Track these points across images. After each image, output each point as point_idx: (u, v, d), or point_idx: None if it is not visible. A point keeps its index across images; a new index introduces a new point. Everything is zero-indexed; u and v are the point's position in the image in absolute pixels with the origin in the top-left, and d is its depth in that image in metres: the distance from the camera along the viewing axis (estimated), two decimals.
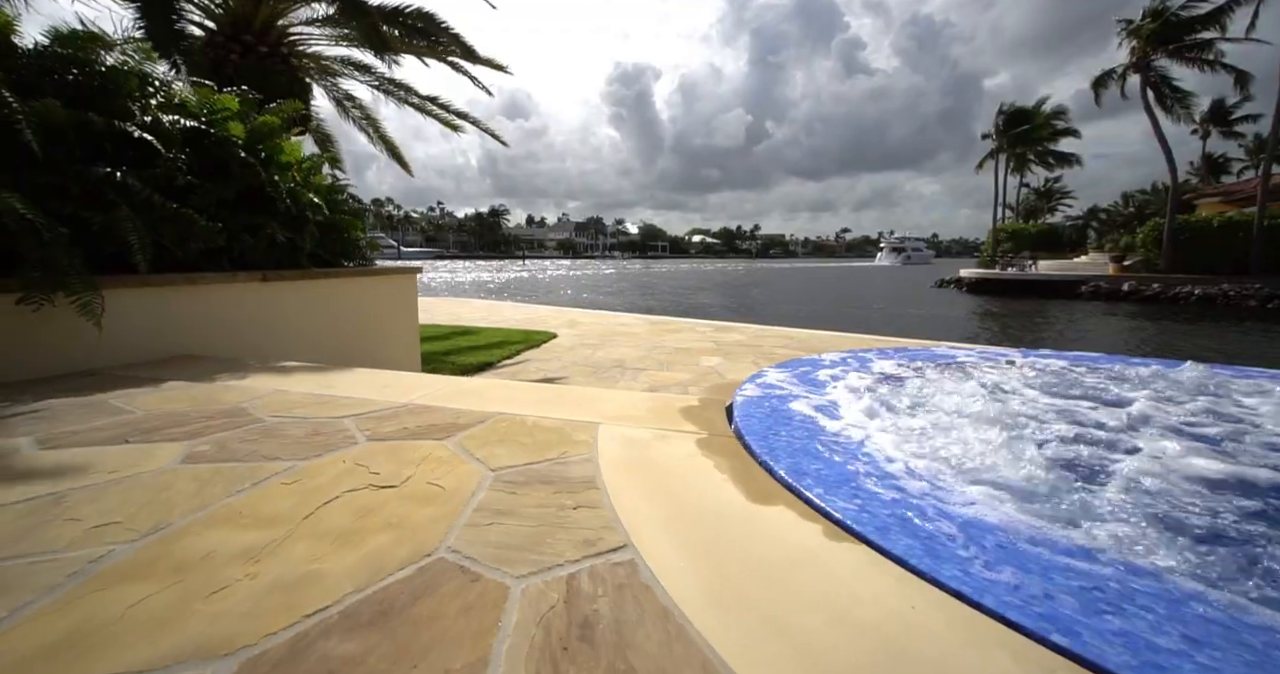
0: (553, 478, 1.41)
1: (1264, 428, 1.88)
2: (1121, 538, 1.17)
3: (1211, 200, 30.65)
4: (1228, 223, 23.57)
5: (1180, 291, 21.79)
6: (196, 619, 0.85)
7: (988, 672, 0.77)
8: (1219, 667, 0.78)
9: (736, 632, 0.84)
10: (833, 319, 17.43)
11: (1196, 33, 23.59)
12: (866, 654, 0.80)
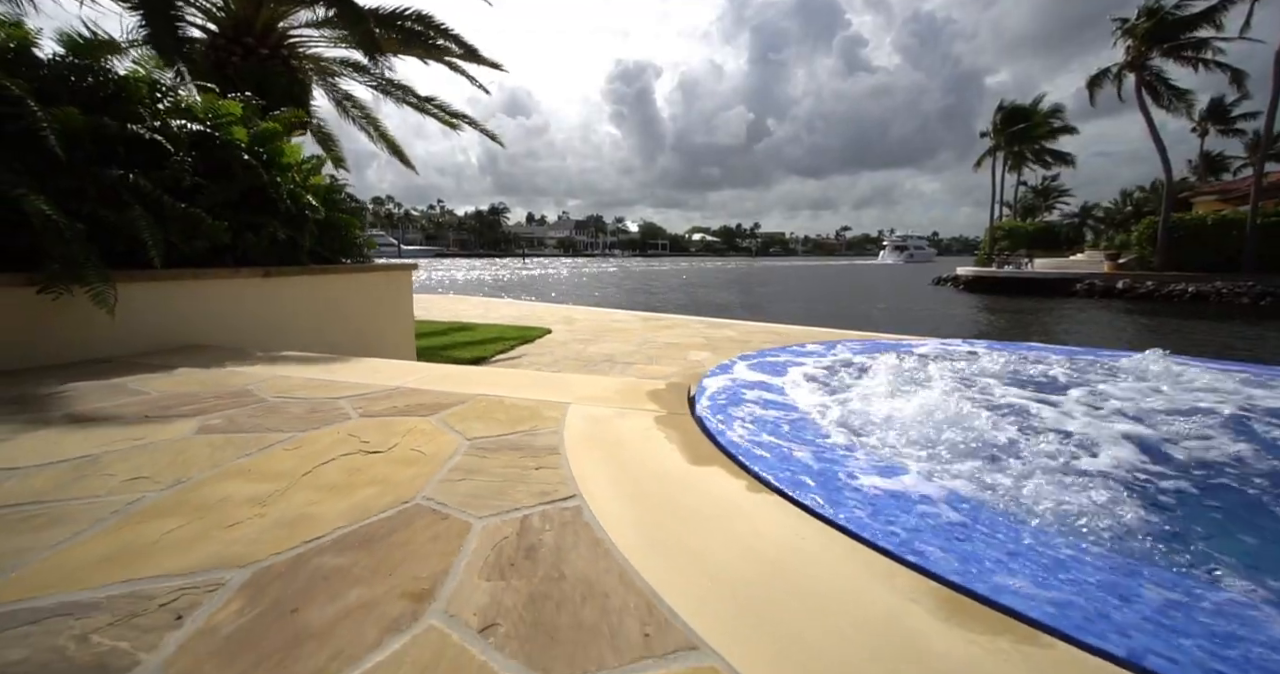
0: (521, 446, 1.61)
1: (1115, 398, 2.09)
2: (978, 487, 1.37)
3: (1208, 198, 30.73)
4: (1221, 221, 23.71)
5: (1174, 289, 21.91)
6: (216, 543, 1.05)
7: (840, 573, 0.97)
8: (1028, 573, 0.98)
9: (654, 555, 1.05)
10: (830, 317, 17.63)
11: (1191, 31, 23.69)
12: (752, 568, 1.00)
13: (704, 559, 1.04)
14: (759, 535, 1.13)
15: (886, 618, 0.88)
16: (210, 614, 0.85)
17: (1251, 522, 1.33)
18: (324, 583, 0.94)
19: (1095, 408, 2.01)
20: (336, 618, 0.85)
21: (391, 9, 7.96)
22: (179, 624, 0.83)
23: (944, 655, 0.79)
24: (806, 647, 0.81)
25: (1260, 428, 1.90)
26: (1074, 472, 1.44)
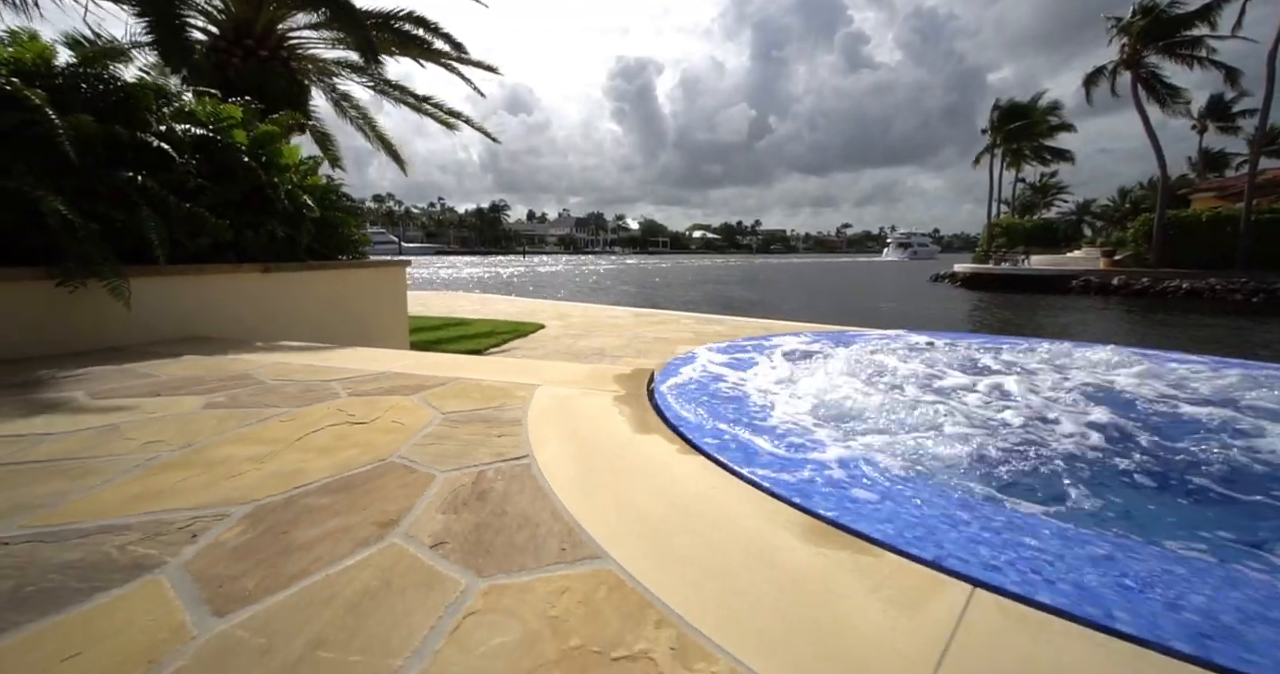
0: (489, 419, 1.83)
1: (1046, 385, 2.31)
2: (864, 448, 1.58)
3: (1206, 195, 30.79)
4: (1216, 218, 23.82)
5: (1168, 286, 22.03)
6: (222, 489, 1.27)
7: (734, 511, 1.19)
8: (882, 507, 1.19)
9: (584, 498, 1.26)
10: (821, 314, 17.82)
11: (1187, 29, 23.77)
12: (661, 507, 1.22)
13: (624, 501, 1.25)
14: (675, 483, 1.35)
15: (759, 539, 1.09)
16: (218, 534, 1.08)
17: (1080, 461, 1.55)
18: (309, 515, 1.16)
19: (999, 386, 2.22)
20: (318, 538, 1.07)
21: (387, 11, 8.16)
22: (194, 540, 1.05)
23: (794, 562, 1.01)
24: (687, 557, 1.03)
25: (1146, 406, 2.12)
26: (942, 433, 1.66)
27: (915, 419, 1.80)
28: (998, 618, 0.86)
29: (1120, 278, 23.47)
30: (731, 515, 1.20)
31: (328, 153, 11.18)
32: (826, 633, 0.82)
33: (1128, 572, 0.98)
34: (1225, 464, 1.58)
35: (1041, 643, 0.81)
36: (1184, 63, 24.59)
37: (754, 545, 1.07)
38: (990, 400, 2.07)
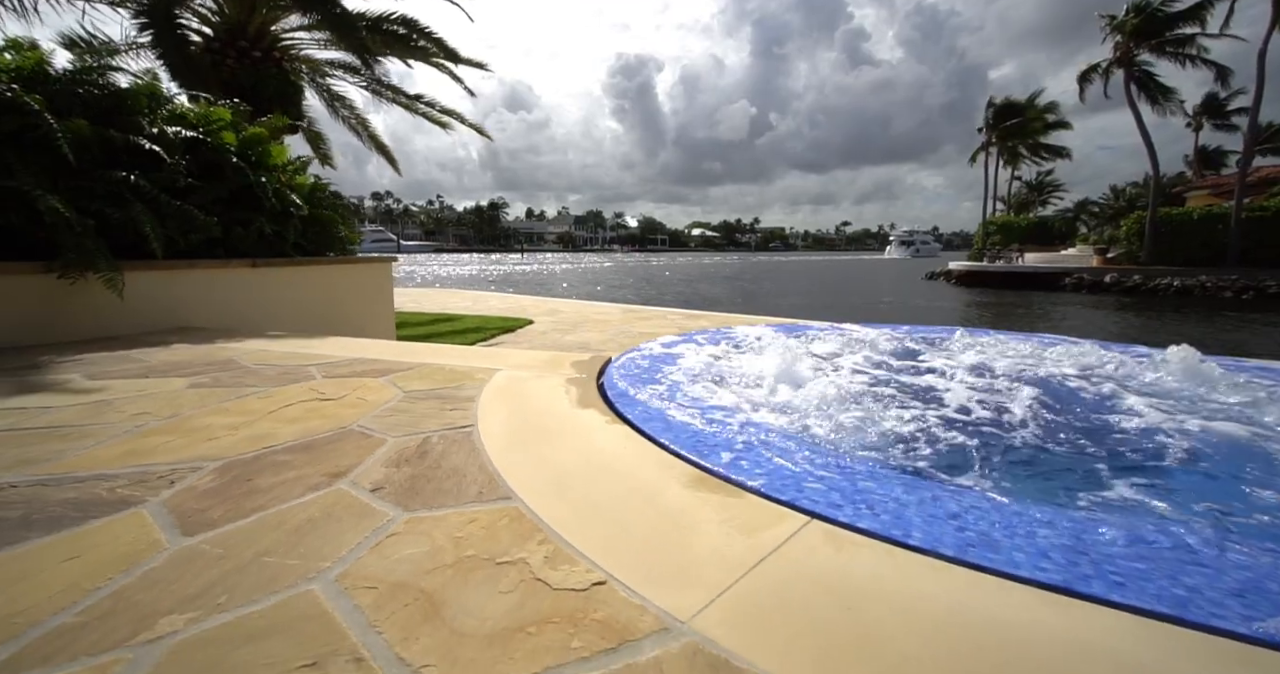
0: (445, 396, 2.03)
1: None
2: (774, 417, 1.79)
3: (1201, 192, 30.91)
4: (1207, 215, 23.99)
5: (1160, 283, 22.20)
6: (201, 449, 1.48)
7: (638, 465, 1.39)
8: (760, 461, 1.39)
9: (511, 456, 1.46)
10: (811, 310, 18.02)
11: (1178, 28, 23.90)
12: (577, 464, 1.43)
13: (545, 459, 1.46)
14: (594, 446, 1.55)
15: (649, 486, 1.30)
16: (193, 481, 1.28)
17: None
18: (273, 468, 1.36)
19: (915, 368, 2.43)
20: (278, 484, 1.27)
21: (378, 14, 8.32)
22: (172, 485, 1.25)
23: (670, 502, 1.21)
24: (583, 499, 1.23)
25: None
26: (827, 405, 1.87)
27: (810, 393, 2.00)
28: (819, 539, 1.06)
29: (1112, 275, 23.65)
30: (633, 469, 1.40)
31: (319, 151, 11.36)
32: (674, 549, 1.03)
33: (940, 506, 1.18)
34: (1038, 421, 1.80)
35: (846, 554, 1.01)
36: (1176, 61, 24.73)
37: (643, 490, 1.28)
38: (878, 378, 2.28)
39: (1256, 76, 21.94)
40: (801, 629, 0.81)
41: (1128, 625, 0.83)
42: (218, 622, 0.81)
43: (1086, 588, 0.90)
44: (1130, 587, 0.91)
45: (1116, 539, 1.05)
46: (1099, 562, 0.98)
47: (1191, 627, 0.82)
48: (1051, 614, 0.85)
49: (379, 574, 0.93)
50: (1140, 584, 0.92)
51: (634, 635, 0.79)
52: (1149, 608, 0.86)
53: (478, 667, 0.73)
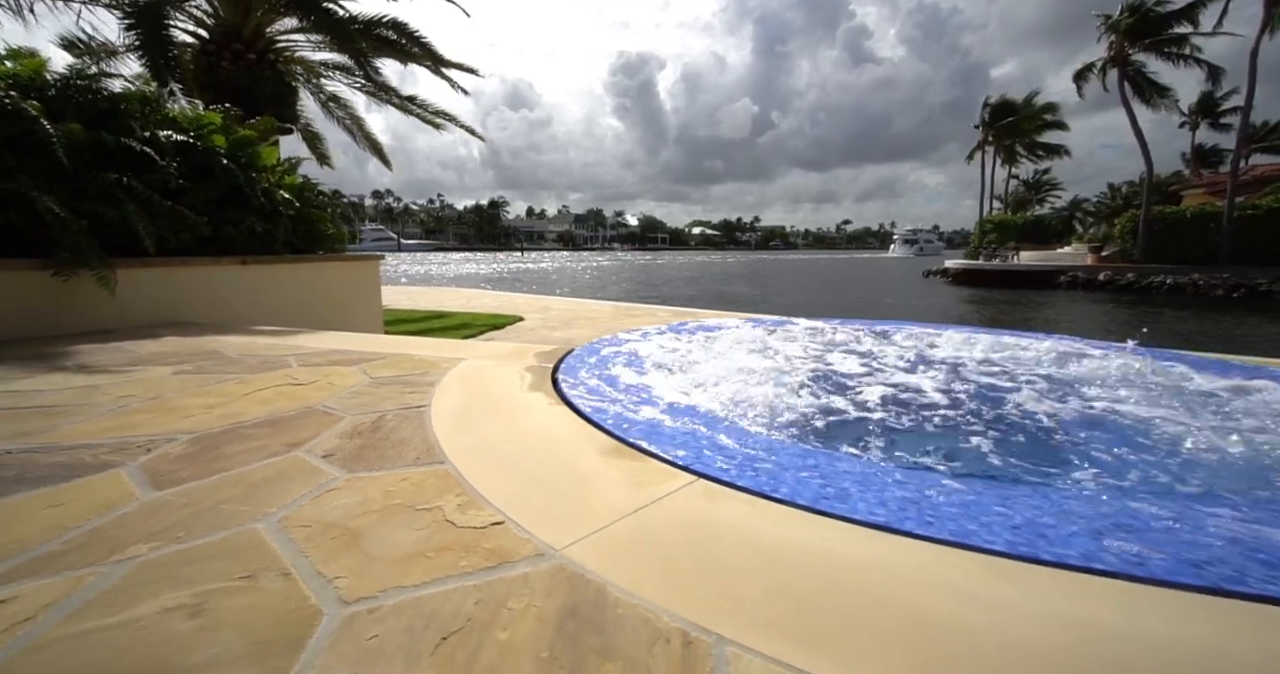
0: (409, 382, 2.21)
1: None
2: (695, 396, 1.96)
3: (1196, 191, 30.98)
4: (1200, 214, 24.10)
5: (1153, 281, 22.31)
6: (178, 424, 1.65)
7: (565, 439, 1.57)
8: (670, 435, 1.57)
9: (455, 432, 1.64)
10: (800, 308, 18.18)
11: (1172, 27, 24.01)
12: (511, 437, 1.60)
13: (484, 433, 1.63)
14: (533, 423, 1.73)
15: (571, 454, 1.47)
16: (167, 449, 1.46)
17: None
18: (240, 439, 1.54)
19: (857, 354, 2.61)
20: (241, 452, 1.45)
21: (369, 18, 8.48)
22: (149, 452, 1.43)
23: (585, 467, 1.39)
24: (508, 463, 1.40)
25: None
26: (747, 386, 2.05)
27: (739, 377, 2.18)
28: (699, 493, 1.24)
29: (1106, 273, 23.76)
30: (560, 441, 1.58)
31: (316, 151, 11.54)
32: (572, 500, 1.20)
33: (810, 467, 1.36)
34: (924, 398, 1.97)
35: (716, 504, 1.19)
36: (1169, 61, 24.83)
37: (563, 457, 1.45)
38: (807, 365, 2.47)
39: (1248, 76, 22.05)
40: (655, 556, 0.99)
41: (937, 554, 1.00)
42: (175, 549, 0.99)
43: (908, 527, 1.08)
44: (943, 526, 1.08)
45: (943, 491, 1.23)
46: (926, 509, 1.16)
47: (979, 551, 1.00)
48: (875, 547, 1.03)
49: (315, 517, 1.11)
50: (954, 523, 1.09)
51: (512, 559, 0.97)
52: (954, 540, 1.03)
53: (380, 579, 0.91)
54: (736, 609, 0.84)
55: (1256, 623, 0.82)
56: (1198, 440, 1.75)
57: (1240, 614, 0.83)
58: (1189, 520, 1.12)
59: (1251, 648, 0.75)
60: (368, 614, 0.82)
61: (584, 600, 0.85)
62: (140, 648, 0.75)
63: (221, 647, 0.75)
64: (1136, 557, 0.96)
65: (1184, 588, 0.89)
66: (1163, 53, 24.81)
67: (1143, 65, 25.65)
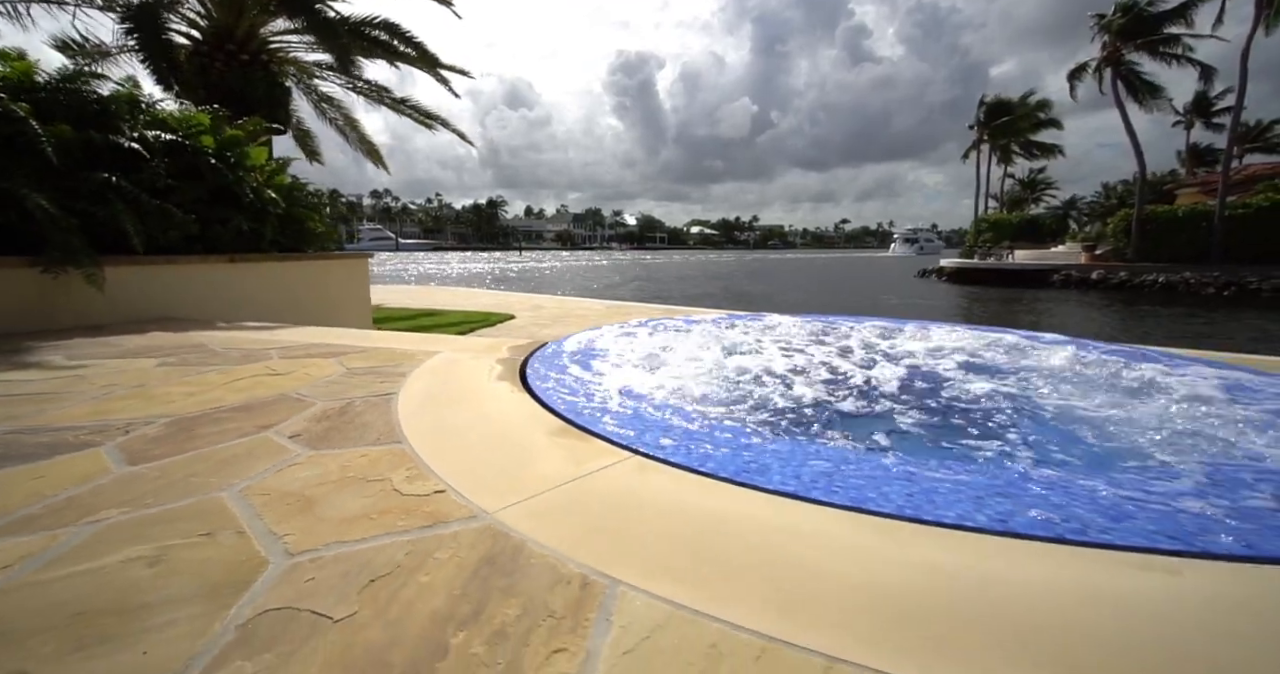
0: (382, 373, 2.31)
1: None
2: (644, 383, 2.07)
3: (1191, 190, 31.13)
4: (1191, 213, 24.25)
5: (1145, 279, 22.44)
6: (156, 409, 1.76)
7: (517, 422, 1.68)
8: (616, 415, 1.68)
9: (417, 416, 1.74)
10: (791, 306, 18.30)
11: (1164, 28, 24.16)
12: (470, 421, 1.71)
13: (445, 416, 1.74)
14: (493, 408, 1.84)
15: (521, 435, 1.58)
16: (145, 430, 1.56)
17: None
18: (215, 422, 1.64)
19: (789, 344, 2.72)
20: (215, 433, 1.55)
21: (361, 18, 8.57)
22: (127, 433, 1.53)
23: (532, 445, 1.50)
24: (463, 444, 1.51)
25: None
26: (695, 376, 2.16)
27: (688, 368, 2.29)
28: (632, 468, 1.35)
29: (1099, 272, 23.89)
30: (515, 424, 1.68)
31: (307, 150, 11.63)
32: (514, 473, 1.31)
33: (739, 445, 1.46)
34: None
35: (644, 477, 1.29)
36: (1162, 60, 24.98)
37: (513, 437, 1.56)
38: (750, 358, 2.59)
39: (1239, 77, 22.21)
40: (578, 519, 1.10)
41: (832, 516, 1.11)
42: (144, 513, 1.10)
43: (814, 496, 1.19)
44: (845, 493, 1.19)
45: (851, 464, 1.34)
46: (836, 479, 1.26)
47: (870, 513, 1.10)
48: (780, 512, 1.13)
49: (275, 487, 1.22)
50: (856, 492, 1.20)
51: (447, 520, 1.08)
52: (850, 505, 1.14)
53: (324, 536, 1.01)
54: (639, 560, 0.94)
55: (1076, 561, 0.92)
56: (1071, 418, 1.88)
57: (1062, 555, 0.95)
58: (1039, 483, 1.23)
59: (1070, 582, 0.86)
60: (309, 563, 0.93)
61: (502, 552, 0.96)
62: (103, 590, 0.85)
63: (175, 589, 0.86)
64: (1000, 516, 1.07)
65: (1025, 537, 1.00)
66: (1155, 53, 24.96)
67: (1135, 65, 25.79)
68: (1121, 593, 0.84)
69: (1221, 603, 0.81)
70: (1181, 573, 0.87)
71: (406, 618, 0.79)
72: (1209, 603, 0.82)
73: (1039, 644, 0.73)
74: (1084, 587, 0.86)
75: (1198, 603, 0.81)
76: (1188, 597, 0.82)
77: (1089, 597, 0.83)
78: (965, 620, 0.79)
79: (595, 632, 0.76)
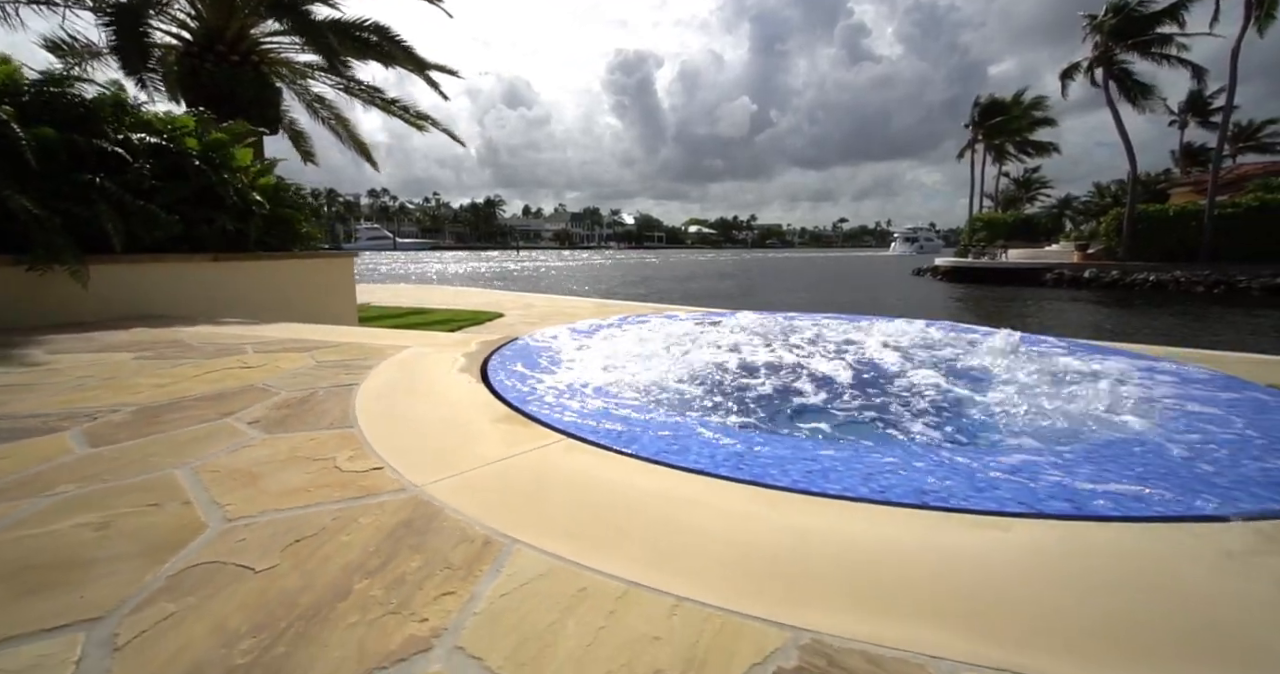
0: (350, 366, 2.41)
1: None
2: (589, 374, 2.17)
3: (1184, 190, 31.30)
4: (1182, 212, 24.42)
5: (1136, 278, 22.60)
6: (125, 398, 1.85)
7: (469, 412, 1.78)
8: (558, 402, 1.78)
9: (374, 404, 1.84)
10: (782, 305, 18.42)
11: (1155, 28, 24.31)
12: (426, 409, 1.81)
13: (399, 404, 1.84)
14: (447, 397, 1.94)
15: (468, 421, 1.68)
16: (111, 418, 1.66)
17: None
18: (181, 411, 1.74)
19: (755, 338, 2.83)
20: (180, 420, 1.65)
21: (350, 20, 8.65)
22: (94, 420, 1.63)
23: (476, 429, 1.60)
24: (409, 427, 1.61)
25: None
26: (637, 368, 2.27)
27: (636, 361, 2.39)
28: (561, 449, 1.45)
29: (1091, 270, 24.05)
30: (465, 411, 1.78)
31: (302, 151, 11.71)
32: (451, 454, 1.41)
33: (666, 428, 1.57)
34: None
35: (570, 457, 1.39)
36: (1154, 60, 25.14)
37: (460, 423, 1.66)
38: (700, 351, 2.71)
39: (1229, 77, 22.38)
40: (497, 491, 1.20)
41: (732, 489, 1.21)
42: (98, 487, 1.19)
43: (722, 473, 1.29)
44: (750, 470, 1.29)
45: (760, 445, 1.44)
46: (746, 458, 1.37)
47: (768, 487, 1.21)
48: (689, 486, 1.24)
49: (225, 465, 1.32)
50: (760, 469, 1.30)
51: (377, 492, 1.18)
52: (751, 480, 1.24)
53: (262, 505, 1.11)
54: (541, 524, 1.05)
55: (919, 522, 1.03)
56: (945, 398, 2.01)
57: (914, 519, 1.05)
58: (901, 456, 1.35)
59: (916, 539, 0.97)
60: (244, 527, 1.03)
61: (419, 517, 1.06)
62: (51, 550, 0.95)
63: (118, 549, 0.96)
64: (880, 487, 1.18)
65: (883, 503, 1.11)
66: (1146, 53, 25.12)
67: (1127, 64, 25.95)
68: (958, 546, 0.94)
69: (1045, 554, 0.92)
70: (1011, 529, 0.98)
71: (321, 569, 0.89)
72: (1034, 554, 0.92)
73: (885, 589, 0.84)
74: (928, 543, 0.96)
75: (1023, 554, 0.92)
76: (1013, 549, 0.93)
77: (931, 550, 0.94)
78: (820, 572, 0.89)
79: (484, 580, 0.86)
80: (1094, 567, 0.88)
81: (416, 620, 0.77)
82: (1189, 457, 1.37)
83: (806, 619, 0.75)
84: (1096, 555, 0.91)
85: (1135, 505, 1.06)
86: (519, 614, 0.78)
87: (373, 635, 0.74)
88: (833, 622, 0.75)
